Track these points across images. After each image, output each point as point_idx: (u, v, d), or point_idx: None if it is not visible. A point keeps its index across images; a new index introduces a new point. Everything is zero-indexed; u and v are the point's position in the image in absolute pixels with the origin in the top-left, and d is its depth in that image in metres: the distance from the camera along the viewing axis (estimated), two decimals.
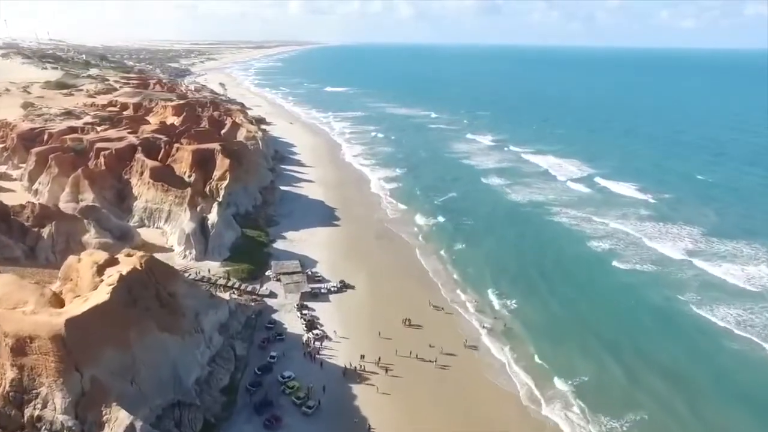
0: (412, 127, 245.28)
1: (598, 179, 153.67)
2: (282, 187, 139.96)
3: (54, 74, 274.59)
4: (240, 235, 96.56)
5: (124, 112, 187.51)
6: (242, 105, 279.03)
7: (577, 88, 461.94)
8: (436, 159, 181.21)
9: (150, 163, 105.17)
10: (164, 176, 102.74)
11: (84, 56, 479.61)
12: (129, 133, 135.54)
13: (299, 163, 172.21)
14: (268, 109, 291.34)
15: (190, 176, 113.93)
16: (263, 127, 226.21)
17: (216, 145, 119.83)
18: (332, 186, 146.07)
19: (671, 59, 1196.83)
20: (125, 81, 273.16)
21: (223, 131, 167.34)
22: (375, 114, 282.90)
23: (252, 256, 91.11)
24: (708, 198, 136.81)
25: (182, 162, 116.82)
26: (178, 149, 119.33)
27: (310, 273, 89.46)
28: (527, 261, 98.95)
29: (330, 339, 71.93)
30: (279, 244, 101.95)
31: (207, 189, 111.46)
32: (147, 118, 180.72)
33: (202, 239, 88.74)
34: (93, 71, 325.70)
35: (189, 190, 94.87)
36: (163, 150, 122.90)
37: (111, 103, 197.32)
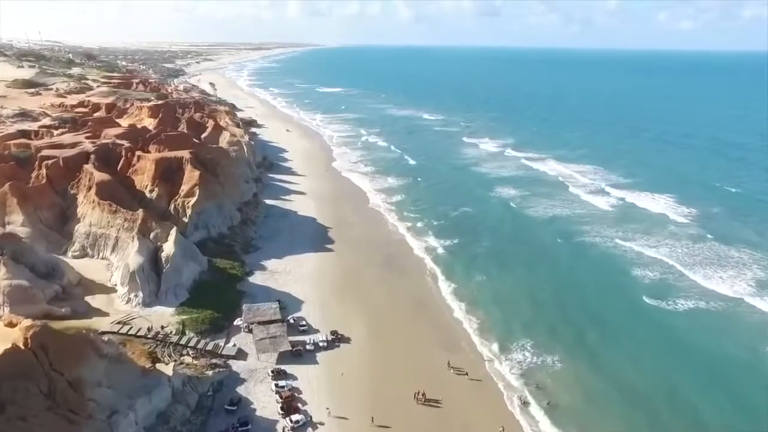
0: (412, 130, 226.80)
1: (612, 189, 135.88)
2: (267, 201, 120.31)
3: (29, 73, 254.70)
4: (206, 269, 76.59)
5: (95, 114, 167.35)
6: (232, 106, 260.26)
7: (577, 89, 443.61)
8: (439, 166, 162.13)
9: (97, 175, 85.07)
10: (114, 192, 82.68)
11: (70, 55, 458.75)
12: (88, 137, 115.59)
13: (290, 172, 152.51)
14: (261, 110, 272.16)
15: (152, 191, 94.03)
16: (253, 129, 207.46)
17: (185, 153, 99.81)
18: (326, 199, 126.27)
19: (670, 61, 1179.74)
20: (106, 80, 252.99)
21: (203, 135, 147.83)
22: (373, 116, 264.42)
23: (219, 297, 71.00)
24: (742, 213, 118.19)
25: (144, 173, 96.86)
26: (139, 158, 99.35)
27: (292, 320, 69.63)
28: (556, 299, 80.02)
29: (316, 426, 52.07)
30: (257, 278, 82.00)
31: (172, 207, 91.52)
32: (119, 120, 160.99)
33: (152, 277, 68.72)
34: (75, 70, 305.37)
35: (140, 211, 74.66)
36: (123, 158, 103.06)
37: (82, 104, 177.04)
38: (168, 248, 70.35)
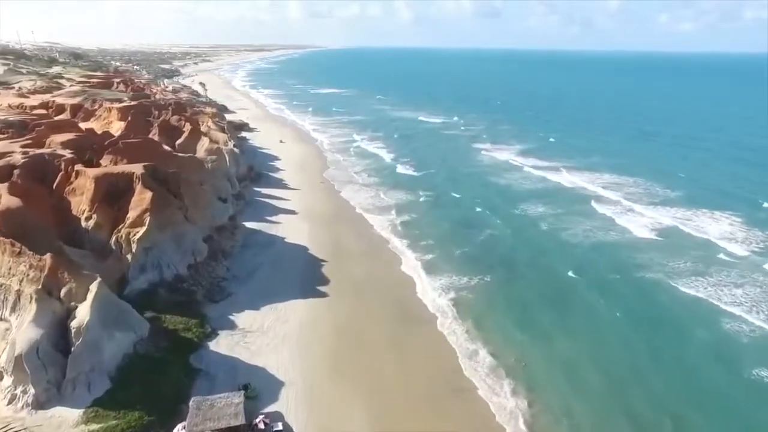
0: (411, 134, 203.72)
1: (644, 208, 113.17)
2: (248, 224, 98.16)
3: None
4: (144, 337, 54.16)
5: (58, 116, 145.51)
6: (223, 107, 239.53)
7: (578, 89, 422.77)
8: (444, 177, 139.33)
9: (5, 200, 62.71)
10: (24, 223, 60.21)
11: (57, 54, 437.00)
12: (26, 146, 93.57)
13: (280, 184, 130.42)
14: (254, 112, 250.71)
15: (89, 219, 71.95)
16: (243, 134, 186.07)
17: (138, 168, 77.58)
18: (322, 221, 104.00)
19: (671, 62, 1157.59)
20: (85, 80, 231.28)
21: (178, 142, 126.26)
22: (374, 118, 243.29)
23: (158, 384, 48.60)
24: None
25: (82, 194, 74.81)
26: (78, 174, 77.23)
27: (263, 424, 47.21)
28: (628, 371, 57.83)
29: None
30: (220, 343, 59.64)
31: (114, 240, 69.35)
32: (85, 123, 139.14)
33: (55, 360, 46.29)
34: (54, 69, 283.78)
35: (48, 256, 52.29)
36: (63, 174, 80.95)
37: (45, 105, 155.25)
38: (82, 313, 47.98)
